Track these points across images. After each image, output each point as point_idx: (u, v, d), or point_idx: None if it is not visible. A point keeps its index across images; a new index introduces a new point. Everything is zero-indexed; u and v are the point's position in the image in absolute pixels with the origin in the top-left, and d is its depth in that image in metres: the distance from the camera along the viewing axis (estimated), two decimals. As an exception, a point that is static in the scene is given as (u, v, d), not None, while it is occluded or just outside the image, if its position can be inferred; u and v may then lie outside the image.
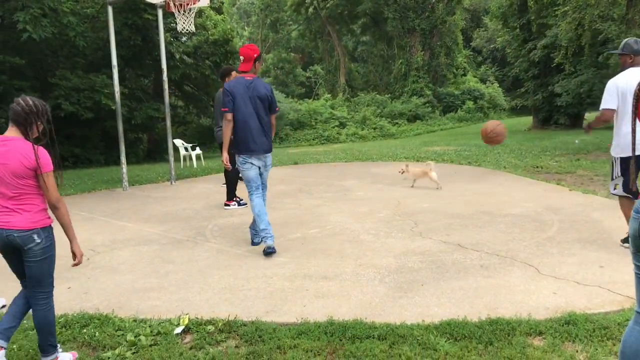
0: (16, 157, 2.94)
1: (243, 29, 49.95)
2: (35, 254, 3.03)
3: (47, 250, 3.08)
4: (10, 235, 2.97)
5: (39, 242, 3.02)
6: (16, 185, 2.96)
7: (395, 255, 4.99)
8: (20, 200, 3.00)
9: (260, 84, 5.34)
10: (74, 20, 14.68)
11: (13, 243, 3.00)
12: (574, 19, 16.14)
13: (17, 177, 2.95)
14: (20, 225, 2.97)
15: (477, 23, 45.83)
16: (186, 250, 5.56)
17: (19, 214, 2.99)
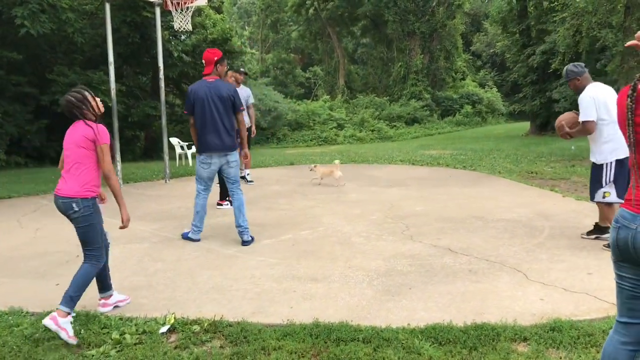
0: (79, 131, 3.56)
1: (243, 28, 49.93)
2: (77, 221, 3.57)
3: (87, 219, 3.58)
4: (57, 200, 3.59)
5: (77, 210, 3.54)
6: (73, 159, 3.55)
7: (385, 258, 4.99)
8: (74, 171, 3.57)
9: (221, 86, 5.63)
10: (72, 17, 14.65)
11: (60, 208, 3.59)
12: (572, 25, 16.17)
13: (77, 146, 3.54)
14: (64, 192, 3.55)
15: (477, 27, 45.89)
16: (177, 249, 5.56)
17: (68, 183, 3.56)
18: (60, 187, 3.59)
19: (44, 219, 7.23)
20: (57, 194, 3.59)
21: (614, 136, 5.00)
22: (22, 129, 15.12)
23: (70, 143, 3.59)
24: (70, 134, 3.62)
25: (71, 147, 3.58)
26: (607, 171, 5.13)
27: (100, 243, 3.71)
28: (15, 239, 6.16)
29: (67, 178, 3.59)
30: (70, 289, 3.53)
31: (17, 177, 12.06)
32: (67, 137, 3.63)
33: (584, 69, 5.32)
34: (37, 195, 9.25)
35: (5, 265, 5.13)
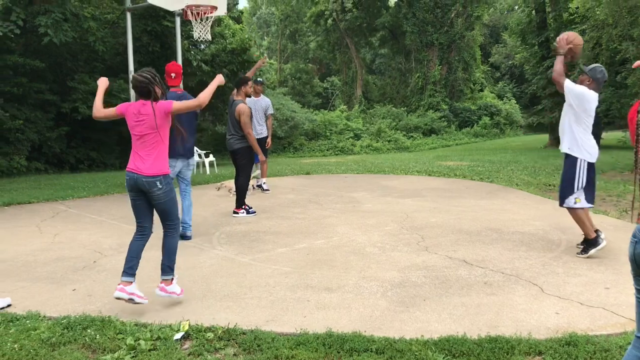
0: (150, 112, 3.87)
1: (262, 38, 50.36)
2: (159, 197, 3.94)
3: (169, 194, 3.99)
4: (138, 179, 3.89)
5: (160, 188, 3.93)
6: (150, 140, 3.90)
7: (399, 269, 4.98)
8: (152, 151, 3.92)
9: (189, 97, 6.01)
10: (94, 26, 14.92)
11: (142, 186, 3.91)
12: (592, 37, 16.07)
13: (152, 130, 3.89)
14: (148, 172, 3.89)
15: (495, 39, 45.79)
16: (192, 256, 5.59)
17: (147, 162, 3.90)
18: (139, 167, 3.90)
19: (62, 224, 7.32)
20: (140, 173, 3.89)
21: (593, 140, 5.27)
22: (43, 135, 15.38)
23: (144, 127, 3.89)
24: (140, 119, 3.90)
25: (146, 130, 3.89)
26: (580, 171, 5.22)
27: (177, 214, 4.16)
28: (34, 244, 6.25)
29: (145, 158, 3.91)
30: (165, 259, 4.08)
31: (37, 182, 12.24)
32: (136, 117, 3.90)
33: (603, 82, 5.40)
34: (56, 201, 9.37)
35: (23, 270, 5.21)
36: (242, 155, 7.72)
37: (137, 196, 4.02)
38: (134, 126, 3.96)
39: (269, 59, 39.33)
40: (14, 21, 13.31)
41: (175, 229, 4.14)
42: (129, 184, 3.98)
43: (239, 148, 7.71)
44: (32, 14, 13.74)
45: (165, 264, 4.10)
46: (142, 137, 3.94)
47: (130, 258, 4.06)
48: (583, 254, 5.34)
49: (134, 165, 3.95)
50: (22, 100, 15.15)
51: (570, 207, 5.32)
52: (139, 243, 4.13)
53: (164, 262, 4.11)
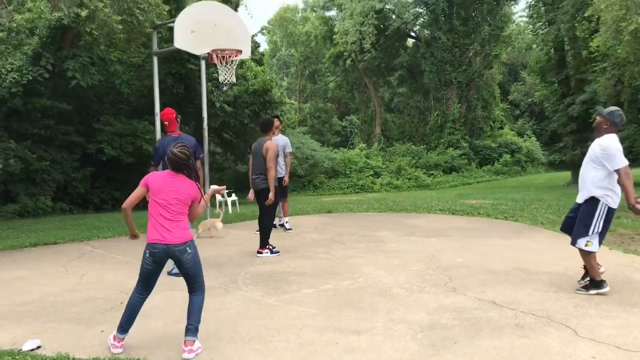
0: (187, 189, 4.08)
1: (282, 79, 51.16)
2: (188, 261, 4.05)
3: (196, 257, 4.11)
4: (169, 250, 4.00)
5: (189, 252, 4.04)
6: (177, 210, 4.04)
7: (428, 310, 4.91)
8: (177, 221, 4.04)
9: (186, 138, 6.70)
10: (120, 69, 15.34)
11: (173, 255, 4.02)
12: (613, 75, 16.08)
13: (181, 203, 4.05)
14: (177, 240, 4.00)
15: (514, 77, 45.94)
16: (218, 297, 5.58)
17: (174, 232, 4.02)
18: (165, 237, 3.99)
19: (88, 265, 7.38)
20: (169, 244, 3.99)
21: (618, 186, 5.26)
22: (69, 176, 15.65)
23: (174, 197, 4.04)
24: (174, 188, 4.06)
25: (175, 201, 4.04)
26: (599, 216, 5.22)
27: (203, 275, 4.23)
28: (61, 285, 6.29)
29: (171, 227, 4.02)
30: (193, 319, 4.05)
31: (63, 223, 12.40)
32: (167, 184, 4.06)
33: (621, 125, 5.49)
34: (82, 241, 9.47)
35: (51, 311, 5.24)
36: (267, 195, 7.71)
37: (156, 266, 4.07)
38: (163, 191, 4.04)
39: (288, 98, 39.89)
40: (43, 65, 13.75)
41: (202, 288, 4.18)
42: (158, 256, 4.02)
43: (265, 188, 7.71)
44: (61, 58, 14.19)
45: (193, 325, 4.04)
46: (167, 205, 4.02)
47: (130, 316, 4.12)
48: (583, 291, 5.38)
49: (161, 236, 4.00)
50: (49, 142, 15.50)
51: (581, 249, 5.34)
52: (140, 302, 4.17)
53: (191, 322, 4.05)
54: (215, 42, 9.39)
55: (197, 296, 4.13)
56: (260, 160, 7.75)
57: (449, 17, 32.74)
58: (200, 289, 4.16)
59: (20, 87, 13.33)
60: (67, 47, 14.49)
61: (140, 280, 4.14)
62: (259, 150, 7.78)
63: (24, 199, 14.29)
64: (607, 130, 5.33)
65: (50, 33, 14.26)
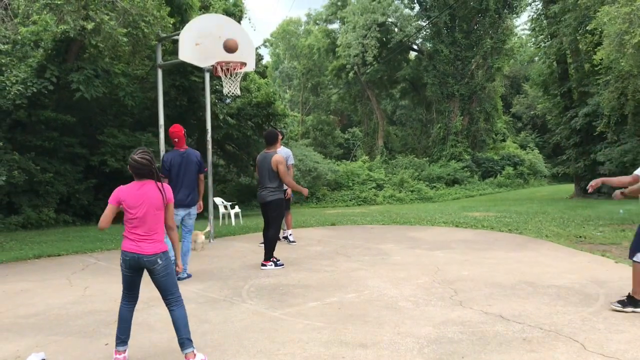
0: (154, 193, 3.97)
1: (285, 92, 51.34)
2: (159, 272, 3.98)
3: (168, 268, 4.03)
4: (139, 259, 3.94)
5: (160, 263, 3.97)
6: (153, 218, 3.96)
7: (434, 324, 4.87)
8: (152, 232, 3.97)
9: (191, 153, 7.21)
10: (124, 81, 15.40)
11: (141, 265, 3.96)
12: (616, 88, 16.07)
13: (156, 209, 3.97)
14: (149, 251, 3.94)
15: (517, 89, 46.06)
16: (222, 310, 5.55)
17: (147, 243, 3.95)
18: (137, 247, 3.95)
19: (92, 277, 7.35)
20: (140, 253, 3.93)
21: None
22: (72, 187, 15.66)
23: (144, 205, 3.95)
24: (142, 196, 3.96)
25: (146, 209, 3.95)
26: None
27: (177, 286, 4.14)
28: (65, 297, 6.27)
29: (143, 238, 3.95)
30: (181, 332, 3.99)
31: (66, 235, 12.38)
32: (137, 198, 3.95)
33: None
34: (85, 253, 9.45)
35: (55, 324, 5.21)
36: (274, 208, 7.69)
37: (133, 273, 4.06)
38: (134, 206, 3.95)
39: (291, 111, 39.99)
40: (48, 78, 13.80)
41: (178, 300, 4.08)
42: (129, 264, 3.99)
43: (272, 201, 7.68)
44: (65, 70, 14.24)
45: (182, 337, 3.99)
46: (142, 217, 3.95)
47: (124, 327, 4.12)
48: (618, 306, 5.18)
49: (132, 245, 3.96)
50: (53, 154, 15.52)
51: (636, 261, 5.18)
52: (128, 311, 4.17)
53: (180, 336, 3.99)
54: (219, 55, 9.42)
55: (175, 310, 4.04)
56: (265, 173, 7.72)
57: (451, 30, 32.91)
58: (177, 302, 4.07)
59: (25, 100, 13.37)
60: (72, 60, 14.56)
61: (124, 288, 4.13)
62: (264, 163, 7.75)
63: (27, 211, 14.29)
64: None
65: (55, 45, 14.33)
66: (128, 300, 4.15)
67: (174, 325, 4.02)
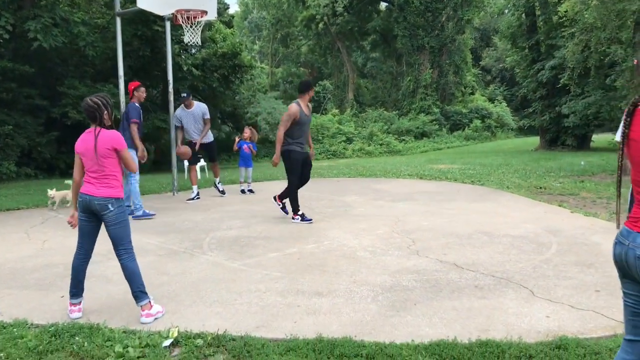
0: (103, 142, 3.86)
1: (253, 42, 50.31)
2: (110, 219, 3.90)
3: (120, 217, 3.94)
4: (90, 201, 3.87)
5: (112, 210, 3.89)
6: (104, 164, 3.88)
7: (390, 273, 4.97)
8: (102, 177, 3.90)
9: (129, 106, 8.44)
10: (84, 30, 14.86)
11: (92, 208, 3.89)
12: (580, 40, 16.16)
13: (101, 156, 3.86)
14: (100, 194, 3.87)
15: (486, 42, 46.02)
16: (182, 262, 5.56)
17: (98, 187, 3.89)
18: (90, 190, 3.90)
19: (51, 231, 7.27)
20: (92, 195, 3.88)
21: None
22: (33, 140, 15.28)
23: (88, 152, 3.89)
24: (86, 142, 3.90)
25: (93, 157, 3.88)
26: None
27: (130, 239, 4.07)
28: (23, 251, 6.19)
29: (96, 182, 3.91)
30: (133, 285, 3.95)
31: (27, 188, 12.15)
32: (83, 144, 3.92)
33: None
34: (46, 207, 9.30)
35: (11, 277, 5.16)
36: (284, 159, 7.67)
37: (87, 218, 3.99)
38: (85, 151, 3.93)
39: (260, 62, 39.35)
40: (2, 26, 13.22)
41: (129, 253, 4.01)
42: (82, 206, 3.94)
43: (282, 152, 7.66)
44: (22, 18, 13.67)
45: (135, 291, 3.96)
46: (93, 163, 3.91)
47: (77, 280, 4.08)
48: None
49: (87, 188, 3.92)
50: (12, 106, 15.05)
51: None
52: (81, 264, 4.11)
53: (132, 289, 3.97)
54: (179, 3, 9.13)
55: (126, 263, 3.98)
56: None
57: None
58: (127, 254, 4.00)
59: (-21, 49, 12.85)
60: (28, 7, 13.96)
61: (78, 237, 4.09)
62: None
63: (-14, 164, 13.94)
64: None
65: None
66: (81, 251, 4.09)
67: (126, 278, 3.99)
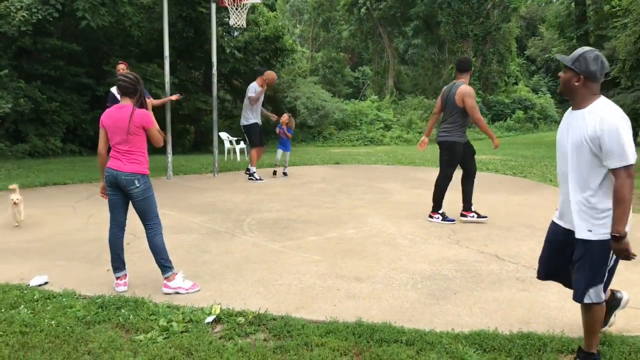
0: (124, 119, 3.96)
1: (295, 26, 50.22)
2: (137, 195, 4.03)
3: (146, 192, 4.07)
4: (117, 176, 3.99)
5: (138, 186, 4.01)
6: (127, 140, 3.99)
7: (430, 261, 4.95)
8: (129, 153, 4.02)
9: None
10: (130, 10, 15.05)
11: (119, 183, 4.00)
12: (634, 32, 15.62)
13: (128, 133, 3.97)
14: (127, 169, 3.99)
15: (532, 31, 44.86)
16: (223, 241, 5.65)
17: (126, 162, 4.01)
18: (118, 166, 4.01)
19: (96, 206, 7.46)
20: (119, 170, 4.00)
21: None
22: (78, 117, 15.65)
23: (117, 128, 4.00)
24: (116, 119, 4.00)
25: (123, 133, 3.99)
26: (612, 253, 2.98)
27: (158, 213, 4.21)
28: (70, 224, 6.39)
29: (123, 157, 4.02)
30: (157, 258, 4.14)
31: (72, 164, 12.48)
32: (113, 120, 4.02)
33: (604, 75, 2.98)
34: (91, 182, 9.55)
35: (60, 249, 5.33)
36: (442, 150, 6.71)
37: (114, 193, 4.11)
38: (109, 128, 4.07)
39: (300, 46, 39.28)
40: (53, 5, 13.51)
41: (154, 228, 4.16)
42: (109, 180, 4.07)
43: (441, 142, 6.60)
44: (71, -2, 13.93)
45: (159, 263, 4.16)
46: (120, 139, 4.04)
47: (115, 255, 4.22)
48: None
49: (114, 164, 4.04)
50: (59, 83, 15.43)
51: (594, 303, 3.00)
52: (116, 238, 4.24)
53: (156, 261, 4.17)
54: (226, -16, 9.18)
55: (151, 237, 4.14)
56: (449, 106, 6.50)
57: (468, -34, 31.75)
58: (153, 228, 4.15)
59: (30, 26, 13.16)
60: (77, -14, 14.21)
61: (110, 212, 4.21)
62: (448, 96, 6.50)
63: (34, 139, 14.35)
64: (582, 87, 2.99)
65: (59, -29, 13.98)
66: (113, 226, 4.22)
67: (151, 250, 4.18)
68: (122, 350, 3.15)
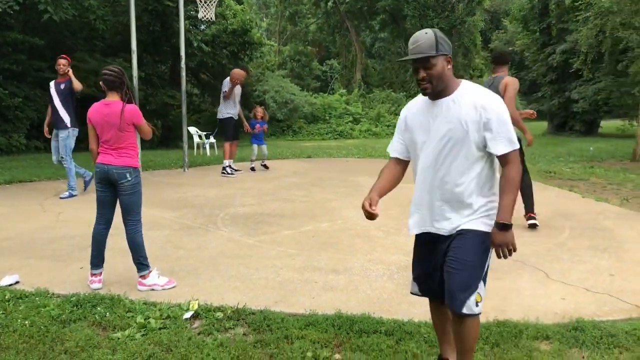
0: (118, 115, 3.94)
1: (262, 20, 49.88)
2: (126, 189, 4.01)
3: (136, 186, 4.06)
4: (109, 171, 3.97)
5: (129, 179, 4.00)
6: (118, 136, 3.97)
7: (405, 252, 5.00)
8: (119, 147, 4.00)
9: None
10: (94, 4, 14.75)
11: (111, 177, 3.97)
12: (595, 25, 16.00)
13: (119, 130, 3.96)
14: (118, 163, 3.98)
15: (496, 25, 45.55)
16: (197, 237, 5.61)
17: (117, 157, 3.99)
18: (109, 160, 3.99)
19: (66, 203, 7.32)
20: (110, 164, 3.98)
21: None
22: (42, 113, 15.24)
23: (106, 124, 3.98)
24: (104, 115, 3.98)
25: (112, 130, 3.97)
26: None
27: (141, 210, 4.18)
28: (39, 222, 6.25)
29: (114, 152, 4.01)
30: (134, 255, 4.11)
31: (37, 161, 12.20)
32: (101, 116, 3.99)
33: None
34: (58, 179, 9.36)
35: (29, 247, 5.22)
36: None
37: (104, 189, 4.08)
38: (97, 124, 4.03)
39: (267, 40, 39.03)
40: (13, -3, 13.14)
41: (135, 223, 4.14)
42: (99, 176, 4.04)
43: None
44: (32, -10, 13.57)
45: (136, 261, 4.13)
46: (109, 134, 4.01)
47: (97, 251, 4.19)
48: None
49: (104, 159, 4.01)
50: (21, 78, 15.03)
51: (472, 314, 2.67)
52: (101, 234, 4.23)
53: (133, 259, 4.14)
54: (194, -22, 9.07)
55: (130, 232, 4.12)
56: None
57: (433, -40, 31.99)
58: (134, 225, 4.13)
59: (-11, 20, 12.81)
60: (38, -22, 13.84)
61: (97, 208, 4.18)
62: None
63: (-4, 136, 13.98)
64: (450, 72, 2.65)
65: (19, -38, 13.59)
66: (100, 222, 4.18)
67: (129, 247, 4.15)
68: (100, 348, 3.10)
